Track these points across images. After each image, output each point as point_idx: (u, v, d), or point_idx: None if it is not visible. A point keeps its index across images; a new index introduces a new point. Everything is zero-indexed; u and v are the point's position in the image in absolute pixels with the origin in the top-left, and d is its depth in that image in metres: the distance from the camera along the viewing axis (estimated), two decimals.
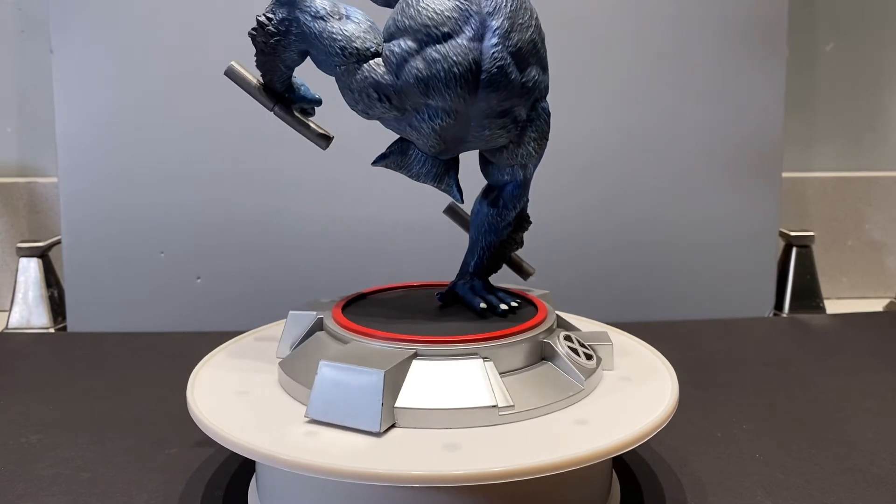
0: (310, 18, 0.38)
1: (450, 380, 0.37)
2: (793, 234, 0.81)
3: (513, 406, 0.37)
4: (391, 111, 0.38)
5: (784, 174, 0.81)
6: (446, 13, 0.36)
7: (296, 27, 0.39)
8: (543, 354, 0.40)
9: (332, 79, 0.40)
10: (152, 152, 0.74)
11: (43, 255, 0.76)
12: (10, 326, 0.75)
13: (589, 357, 0.41)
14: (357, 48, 0.38)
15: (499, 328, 0.40)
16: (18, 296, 0.75)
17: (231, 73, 0.43)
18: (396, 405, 0.36)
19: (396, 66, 0.37)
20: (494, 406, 0.36)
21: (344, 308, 0.44)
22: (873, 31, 0.90)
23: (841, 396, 0.56)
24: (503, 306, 0.43)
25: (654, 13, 0.76)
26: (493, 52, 0.36)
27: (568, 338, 0.41)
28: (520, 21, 0.37)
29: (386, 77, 0.37)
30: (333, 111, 0.45)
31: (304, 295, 0.47)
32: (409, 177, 0.43)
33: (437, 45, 0.36)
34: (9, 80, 0.86)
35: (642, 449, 0.48)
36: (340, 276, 0.74)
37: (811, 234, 0.81)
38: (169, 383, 0.59)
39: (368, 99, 0.38)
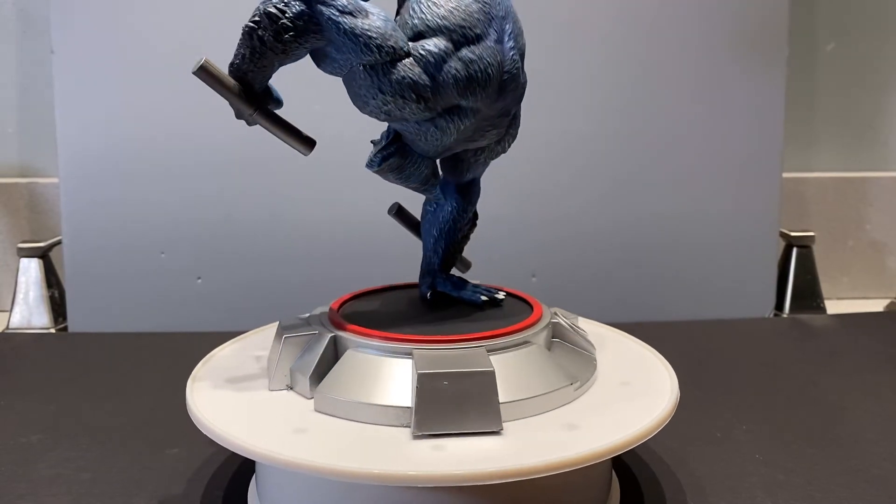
0: (337, 13, 0.36)
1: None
2: (793, 234, 0.81)
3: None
4: (423, 112, 0.37)
5: (784, 174, 0.81)
6: (475, 15, 0.37)
7: (315, 22, 0.36)
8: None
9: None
10: (153, 153, 0.74)
11: (44, 255, 0.76)
12: (10, 327, 0.75)
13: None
14: (392, 47, 0.36)
15: (503, 324, 0.40)
16: (19, 296, 0.76)
17: (204, 72, 0.38)
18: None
19: (434, 66, 0.37)
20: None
21: (351, 319, 0.41)
22: (874, 32, 0.90)
23: (841, 397, 0.56)
24: (499, 296, 0.45)
25: (655, 14, 0.76)
26: (511, 55, 0.39)
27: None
28: (519, 25, 0.40)
29: (423, 78, 0.37)
30: (334, 111, 0.45)
31: (304, 295, 0.48)
32: (398, 179, 0.41)
33: (472, 47, 0.37)
34: (10, 81, 0.86)
35: (642, 449, 0.48)
36: (340, 277, 0.74)
37: (812, 234, 0.81)
38: (169, 383, 0.59)
39: (403, 101, 0.37)
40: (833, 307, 0.83)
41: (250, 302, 0.75)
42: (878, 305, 0.87)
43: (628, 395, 0.40)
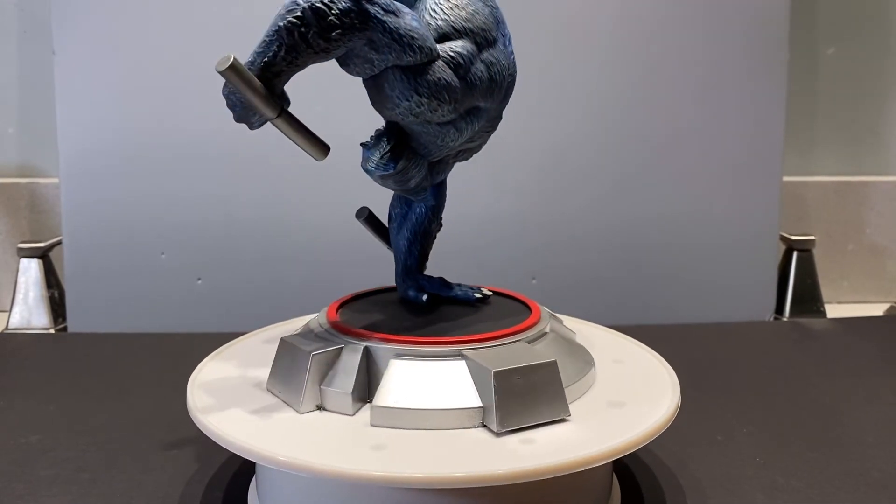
0: (382, 12, 0.34)
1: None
2: (793, 237, 0.81)
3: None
4: (451, 114, 0.37)
5: (785, 178, 0.81)
6: (490, 19, 0.38)
7: (360, 20, 0.34)
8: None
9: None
10: (153, 153, 0.74)
11: (44, 255, 0.76)
12: (10, 327, 0.75)
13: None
14: (430, 48, 0.36)
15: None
16: (19, 296, 0.75)
17: (233, 72, 0.33)
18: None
19: (464, 68, 0.37)
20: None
21: (369, 327, 0.40)
22: (874, 36, 0.90)
23: (842, 400, 0.56)
24: (486, 293, 0.46)
25: (656, 17, 0.76)
26: (512, 58, 0.40)
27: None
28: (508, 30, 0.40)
29: (454, 80, 0.37)
30: (334, 111, 0.45)
31: (303, 296, 0.47)
32: (399, 183, 0.41)
33: (490, 50, 0.38)
34: (11, 81, 0.86)
35: (643, 452, 0.48)
36: (340, 278, 0.74)
37: (812, 238, 0.81)
38: (169, 384, 0.59)
39: (438, 102, 0.37)
40: (833, 311, 0.83)
41: (250, 303, 0.75)
42: (878, 309, 0.87)
43: (629, 397, 0.40)
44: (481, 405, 0.36)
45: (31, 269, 0.76)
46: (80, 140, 0.74)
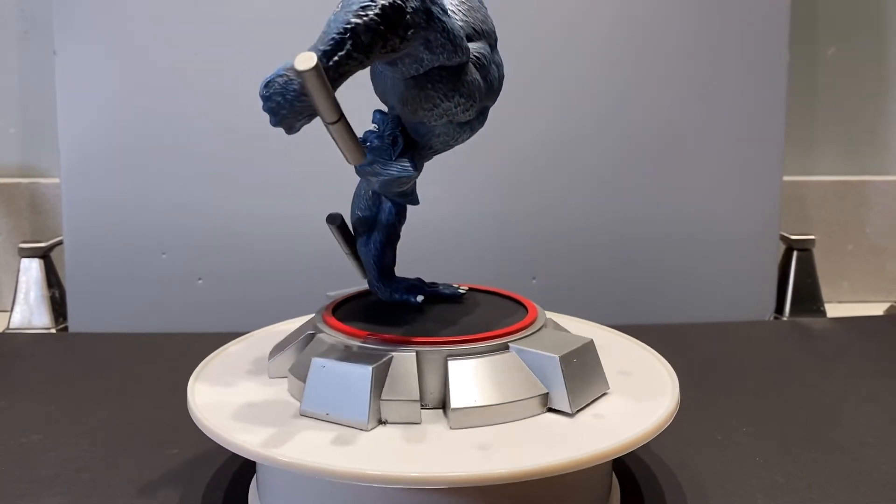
0: (441, 12, 0.34)
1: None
2: (793, 237, 0.81)
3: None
4: (473, 114, 0.38)
5: (785, 178, 0.81)
6: (490, 22, 0.39)
7: (425, 20, 0.33)
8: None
9: None
10: (154, 154, 0.74)
11: (45, 255, 0.76)
12: (11, 327, 0.75)
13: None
14: (467, 48, 0.36)
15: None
16: (20, 296, 0.76)
17: (316, 74, 0.30)
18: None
19: (485, 69, 0.37)
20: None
21: (401, 332, 0.40)
22: (874, 36, 0.90)
23: (841, 400, 0.56)
24: (462, 290, 0.47)
25: (656, 17, 0.76)
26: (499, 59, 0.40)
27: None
28: None
29: (480, 80, 0.37)
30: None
31: (304, 296, 0.47)
32: (403, 184, 0.41)
33: (495, 51, 0.39)
34: (12, 81, 0.86)
35: (642, 451, 0.48)
36: (341, 278, 0.74)
37: (812, 237, 0.81)
38: (170, 384, 0.59)
39: (471, 102, 0.37)
40: (833, 311, 0.83)
41: (250, 303, 0.75)
42: (877, 309, 0.87)
43: (629, 396, 0.40)
44: (546, 390, 0.38)
45: (32, 269, 0.76)
46: (80, 140, 0.74)
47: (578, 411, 0.37)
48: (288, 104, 0.32)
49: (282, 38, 0.73)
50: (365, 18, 0.31)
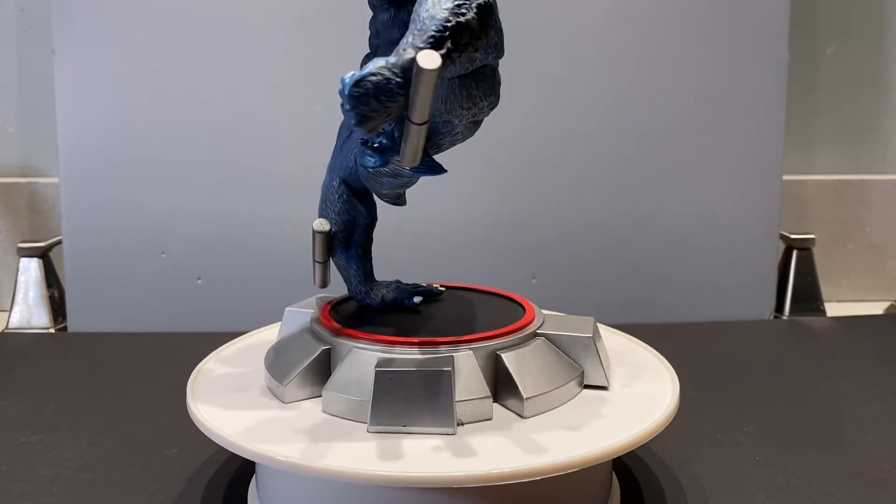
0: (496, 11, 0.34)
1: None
2: (793, 236, 0.81)
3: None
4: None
5: (785, 177, 0.81)
6: None
7: (495, 19, 0.34)
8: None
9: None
10: (153, 153, 0.74)
11: (44, 255, 0.76)
12: (10, 326, 0.75)
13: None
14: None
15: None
16: (19, 296, 0.75)
17: (437, 73, 0.29)
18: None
19: (496, 70, 0.38)
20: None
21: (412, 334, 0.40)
22: (874, 35, 0.90)
23: (841, 399, 0.56)
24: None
25: (656, 15, 0.76)
26: None
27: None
28: None
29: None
30: (336, 111, 0.45)
31: (303, 296, 0.47)
32: (405, 184, 0.41)
33: None
34: (11, 80, 0.86)
35: (643, 451, 0.48)
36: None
37: (812, 236, 0.81)
38: (169, 384, 0.59)
39: (497, 100, 0.37)
40: (833, 310, 0.83)
41: (250, 302, 0.75)
42: (877, 308, 0.87)
43: (629, 396, 0.40)
44: (582, 368, 0.40)
45: (30, 269, 0.76)
46: (79, 139, 0.74)
47: (611, 385, 0.41)
48: (380, 104, 0.30)
49: (282, 38, 0.73)
50: (464, 18, 0.31)
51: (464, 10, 0.31)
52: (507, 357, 0.38)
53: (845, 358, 0.65)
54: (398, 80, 0.30)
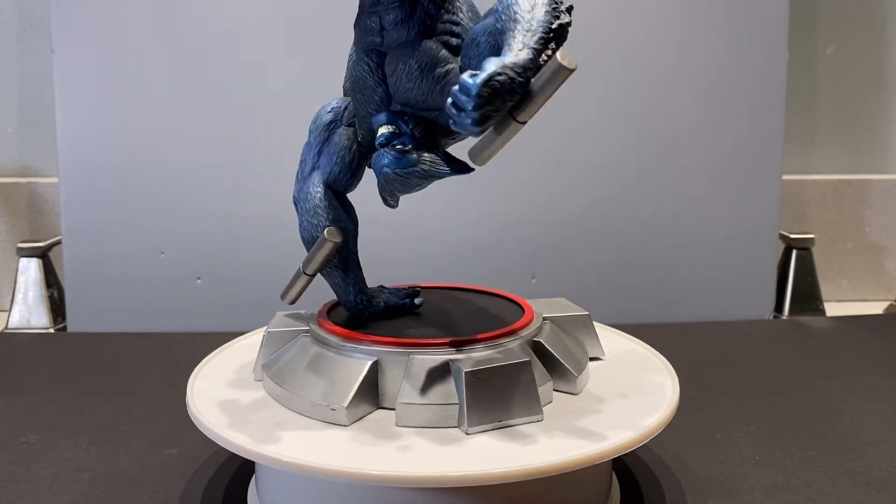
0: None
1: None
2: (793, 236, 0.81)
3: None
4: None
5: (784, 176, 0.81)
6: None
7: None
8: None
9: None
10: (153, 153, 0.74)
11: (43, 255, 0.76)
12: (10, 326, 0.75)
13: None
14: None
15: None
16: (18, 296, 0.75)
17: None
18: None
19: None
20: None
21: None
22: (874, 35, 0.90)
23: (841, 399, 0.56)
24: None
25: (656, 15, 0.76)
26: None
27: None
28: None
29: None
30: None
31: (304, 296, 0.47)
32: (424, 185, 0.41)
33: None
34: (10, 80, 0.86)
35: (642, 450, 0.48)
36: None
37: (811, 236, 0.81)
38: (169, 384, 0.59)
39: None
40: (832, 309, 0.83)
41: (250, 302, 0.75)
42: (877, 308, 0.87)
43: (629, 396, 0.40)
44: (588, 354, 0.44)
45: (30, 269, 0.76)
46: (79, 139, 0.74)
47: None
48: (503, 104, 0.31)
49: (282, 38, 0.73)
50: (564, 20, 0.34)
51: (560, 12, 0.33)
52: (545, 342, 0.40)
53: (845, 358, 0.65)
54: (520, 80, 0.31)
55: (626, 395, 0.40)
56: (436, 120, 0.38)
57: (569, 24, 0.34)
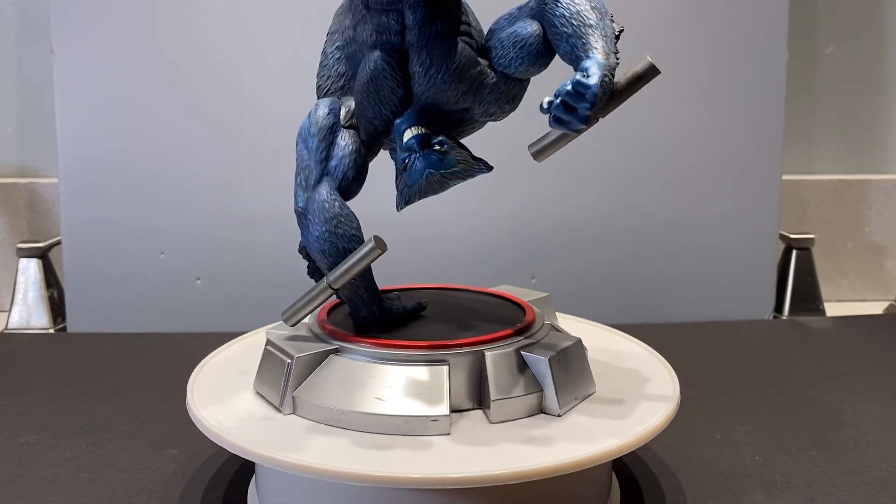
0: None
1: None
2: (793, 236, 0.81)
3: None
4: None
5: (784, 176, 0.81)
6: None
7: None
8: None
9: None
10: (153, 153, 0.74)
11: (43, 255, 0.76)
12: (9, 327, 0.75)
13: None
14: None
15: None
16: (18, 296, 0.75)
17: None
18: None
19: None
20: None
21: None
22: (873, 35, 0.90)
23: (841, 399, 0.56)
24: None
25: (655, 15, 0.76)
26: None
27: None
28: None
29: None
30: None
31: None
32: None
33: None
34: (9, 81, 0.86)
35: (642, 451, 0.48)
36: None
37: (811, 236, 0.81)
38: (169, 384, 0.59)
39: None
40: (832, 309, 0.83)
41: (250, 303, 0.75)
42: (877, 308, 0.87)
43: (629, 396, 0.40)
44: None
45: (30, 269, 0.76)
46: (79, 140, 0.74)
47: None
48: (602, 103, 0.35)
49: (282, 38, 0.73)
50: (617, 29, 0.37)
51: (612, 17, 0.37)
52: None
53: (845, 358, 0.65)
54: (613, 81, 0.35)
55: (625, 396, 0.40)
56: (459, 118, 0.39)
57: (622, 31, 0.37)
